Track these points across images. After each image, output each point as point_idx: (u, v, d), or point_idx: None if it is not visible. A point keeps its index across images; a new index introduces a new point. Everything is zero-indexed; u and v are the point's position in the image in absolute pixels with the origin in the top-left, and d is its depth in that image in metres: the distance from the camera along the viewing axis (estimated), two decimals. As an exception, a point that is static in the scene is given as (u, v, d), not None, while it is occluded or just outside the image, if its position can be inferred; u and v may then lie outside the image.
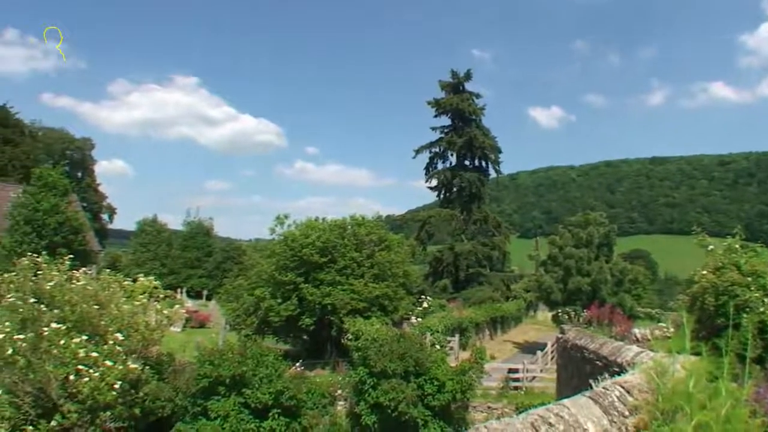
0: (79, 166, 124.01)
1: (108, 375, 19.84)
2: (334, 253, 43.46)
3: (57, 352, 20.11)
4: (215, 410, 21.92)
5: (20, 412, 20.49)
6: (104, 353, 20.47)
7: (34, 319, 21.27)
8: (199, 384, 22.64)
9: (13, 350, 20.21)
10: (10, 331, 20.55)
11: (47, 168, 66.71)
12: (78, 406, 19.79)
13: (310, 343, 45.04)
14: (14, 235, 59.04)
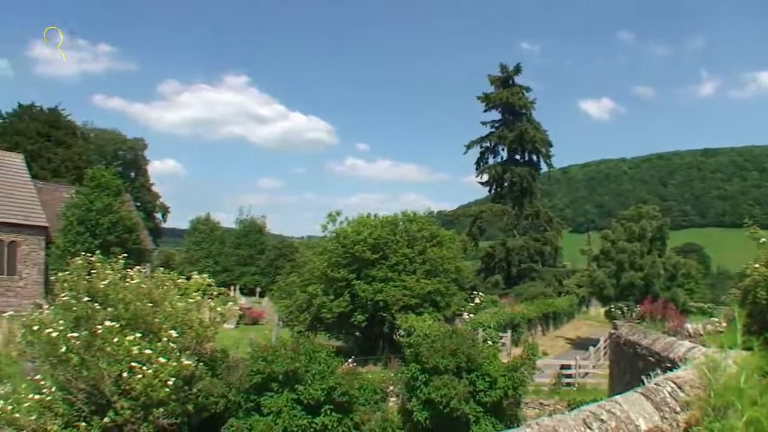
0: (132, 166, 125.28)
1: (161, 372, 19.99)
2: (386, 249, 43.42)
3: (111, 350, 20.28)
4: (268, 406, 22.00)
5: (73, 409, 20.76)
6: (158, 350, 20.62)
7: (88, 317, 21.50)
8: (252, 380, 22.73)
9: (66, 348, 20.45)
10: (64, 329, 20.81)
11: (100, 168, 67.50)
12: (131, 402, 19.97)
13: (362, 340, 45.07)
14: (68, 235, 59.81)
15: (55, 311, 22.76)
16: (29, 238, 63.19)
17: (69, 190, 68.69)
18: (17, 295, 60.93)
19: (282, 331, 42.75)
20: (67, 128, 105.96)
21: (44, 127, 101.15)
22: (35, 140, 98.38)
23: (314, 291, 43.33)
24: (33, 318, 22.60)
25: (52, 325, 21.22)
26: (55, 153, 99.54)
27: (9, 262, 61.93)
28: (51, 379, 21.53)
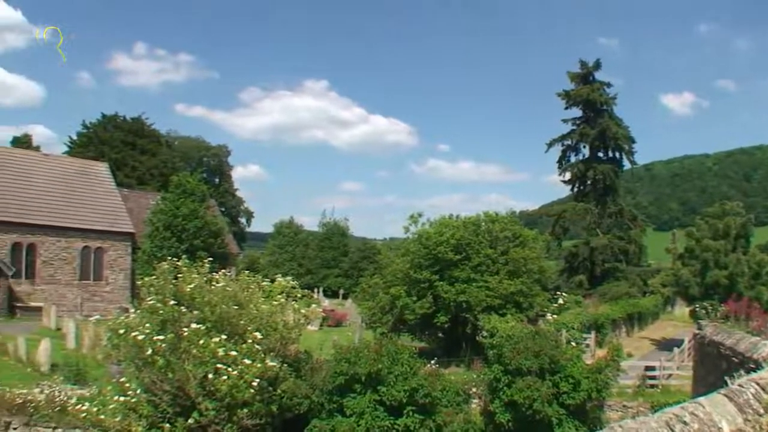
0: (216, 172, 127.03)
1: (246, 373, 20.15)
2: (469, 250, 43.27)
3: (196, 352, 20.51)
4: (351, 407, 22.07)
5: (157, 410, 21.07)
6: (243, 352, 20.81)
7: (174, 320, 21.78)
8: (335, 381, 22.83)
9: (152, 351, 20.74)
10: (150, 332, 21.12)
11: (185, 175, 68.35)
12: (216, 403, 20.19)
13: (445, 341, 44.90)
14: (154, 241, 60.84)
15: (142, 315, 23.08)
16: (116, 244, 64.40)
17: (155, 197, 69.81)
18: (104, 300, 62.10)
19: (365, 332, 42.85)
20: (151, 137, 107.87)
21: (128, 137, 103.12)
22: (120, 149, 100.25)
23: (397, 292, 43.29)
24: (119, 321, 22.99)
25: (138, 328, 21.55)
26: (140, 161, 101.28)
27: (96, 267, 63.22)
28: (136, 381, 21.90)
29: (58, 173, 67.36)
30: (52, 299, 58.65)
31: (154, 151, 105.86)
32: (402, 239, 52.69)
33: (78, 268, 63.03)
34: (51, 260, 61.34)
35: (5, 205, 59.76)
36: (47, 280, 60.87)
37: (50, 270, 61.22)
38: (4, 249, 58.04)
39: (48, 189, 64.36)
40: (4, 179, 62.05)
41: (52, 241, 61.41)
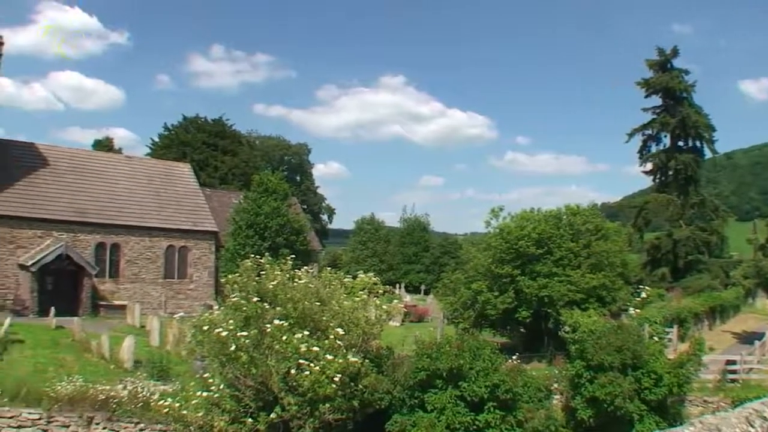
0: (297, 170, 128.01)
1: (328, 368, 20.32)
2: (550, 244, 42.91)
3: (279, 348, 20.73)
4: (432, 403, 22.11)
5: (240, 405, 21.33)
6: (325, 347, 20.99)
7: (257, 316, 22.02)
8: (416, 377, 22.89)
9: (236, 347, 21.01)
10: (233, 328, 21.36)
11: (266, 174, 68.94)
12: (298, 398, 20.40)
13: (526, 336, 44.65)
14: (237, 239, 61.46)
15: (225, 311, 23.37)
16: (199, 242, 65.16)
17: (237, 196, 70.66)
18: (188, 297, 62.84)
19: (447, 328, 42.71)
20: (232, 137, 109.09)
21: (210, 137, 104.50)
22: (202, 150, 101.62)
23: (479, 287, 43.07)
24: (203, 318, 23.32)
25: (222, 324, 21.82)
26: (222, 161, 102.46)
27: (180, 266, 64.06)
28: (219, 376, 22.20)
29: (141, 175, 68.42)
30: (137, 297, 59.63)
31: (235, 151, 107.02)
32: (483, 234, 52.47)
33: (162, 266, 64.03)
34: (135, 259, 62.33)
35: (89, 207, 60.83)
36: (131, 279, 61.84)
37: (134, 269, 62.22)
38: (88, 249, 59.10)
39: (132, 190, 65.42)
40: (87, 181, 63.19)
41: (136, 240, 62.42)
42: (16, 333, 39.87)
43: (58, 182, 61.28)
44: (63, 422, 25.09)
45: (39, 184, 59.96)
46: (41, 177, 60.68)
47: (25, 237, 56.53)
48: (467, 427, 21.52)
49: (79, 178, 63.01)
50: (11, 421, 25.07)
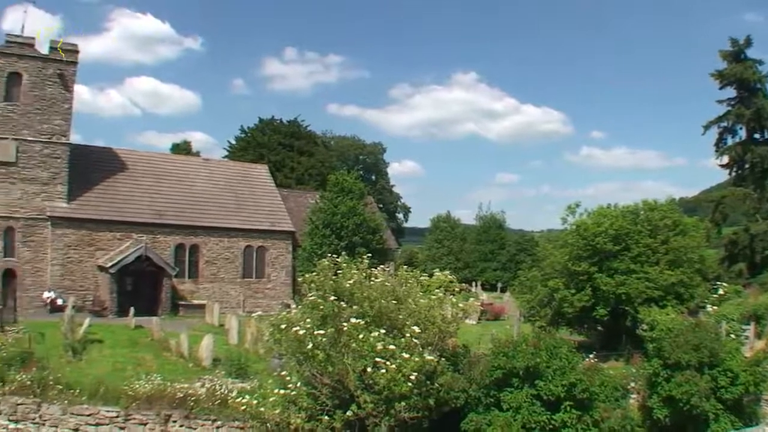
0: (372, 169, 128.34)
1: (405, 367, 20.33)
2: (628, 240, 42.40)
3: (356, 346, 20.88)
4: (508, 401, 21.99)
5: (317, 403, 21.50)
6: (401, 346, 21.03)
7: (334, 315, 22.16)
8: (492, 375, 22.79)
9: (313, 345, 21.16)
10: (310, 327, 21.50)
11: (342, 173, 69.43)
12: (374, 396, 20.50)
13: (604, 334, 44.07)
14: (314, 238, 62.02)
15: (303, 310, 23.57)
16: (277, 242, 65.88)
17: (314, 196, 71.31)
18: (266, 296, 63.57)
19: (523, 326, 42.47)
20: (307, 138, 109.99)
21: (286, 139, 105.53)
22: (278, 151, 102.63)
23: (555, 285, 42.71)
24: (281, 317, 23.51)
25: (299, 323, 22.01)
26: (299, 162, 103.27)
27: (258, 265, 64.88)
28: (296, 374, 22.40)
29: (219, 177, 69.47)
30: (216, 297, 60.59)
31: (311, 152, 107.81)
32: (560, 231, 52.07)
33: (241, 266, 65.01)
34: (214, 260, 63.25)
35: (168, 209, 61.81)
36: (210, 279, 62.71)
37: (213, 269, 63.14)
38: (168, 250, 60.20)
39: (210, 192, 66.54)
40: (166, 184, 64.35)
41: (215, 241, 63.36)
42: (95, 333, 40.73)
43: (136, 185, 62.50)
44: (140, 420, 25.53)
45: (118, 188, 61.23)
46: (120, 180, 61.98)
47: (104, 239, 57.76)
48: (543, 427, 21.38)
49: (158, 181, 64.26)
50: (89, 419, 25.59)
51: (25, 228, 55.79)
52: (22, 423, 25.93)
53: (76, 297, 52.94)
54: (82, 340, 38.35)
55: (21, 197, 55.63)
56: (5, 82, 55.50)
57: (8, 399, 26.10)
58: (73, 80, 58.24)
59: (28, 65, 56.41)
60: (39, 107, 56.30)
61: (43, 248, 56.28)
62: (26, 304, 54.49)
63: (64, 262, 56.64)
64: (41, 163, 56.27)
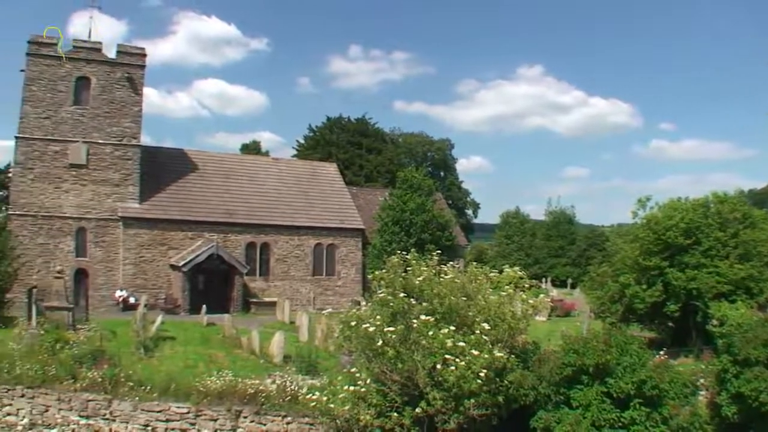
0: (440, 166, 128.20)
1: (474, 364, 20.29)
2: (698, 234, 41.93)
3: (426, 343, 20.89)
4: (577, 399, 21.82)
5: (386, 400, 21.56)
6: (471, 343, 20.98)
7: (404, 312, 22.21)
8: (562, 373, 22.65)
9: (383, 342, 21.28)
10: (380, 324, 21.61)
11: (411, 170, 69.66)
12: (443, 393, 20.46)
13: (674, 330, 43.56)
14: (384, 235, 62.32)
15: (373, 307, 23.68)
16: (347, 240, 66.31)
17: (383, 193, 71.73)
18: (336, 294, 64.03)
19: (594, 322, 42.26)
20: (375, 135, 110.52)
21: (354, 137, 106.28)
22: (346, 149, 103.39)
23: (626, 281, 42.42)
24: (351, 314, 23.63)
25: (369, 320, 22.15)
26: (367, 160, 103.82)
27: (328, 263, 65.46)
28: (366, 371, 22.47)
29: (289, 176, 70.18)
30: (286, 294, 61.20)
31: (379, 149, 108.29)
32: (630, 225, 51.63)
33: (311, 264, 65.70)
34: (285, 258, 63.92)
35: (238, 208, 62.56)
36: (281, 277, 63.37)
37: (284, 267, 63.78)
38: (239, 249, 61.04)
39: (280, 191, 67.32)
40: (236, 184, 65.21)
41: (285, 239, 64.04)
42: (167, 330, 41.36)
43: (207, 185, 63.42)
44: (211, 416, 25.79)
45: (189, 188, 62.23)
46: (191, 181, 62.98)
47: (176, 239, 58.75)
48: (612, 424, 21.18)
49: (228, 180, 65.19)
50: (159, 415, 25.94)
51: (97, 228, 57.10)
52: (93, 419, 26.34)
53: (149, 295, 54.20)
54: (154, 337, 38.91)
55: (93, 198, 57.00)
56: (74, 86, 56.76)
57: (79, 395, 26.53)
58: (141, 83, 59.32)
59: (97, 69, 57.77)
60: (108, 110, 57.37)
61: (114, 248, 57.52)
62: (98, 302, 55.72)
63: (137, 261, 57.76)
64: (112, 165, 57.41)
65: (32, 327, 36.12)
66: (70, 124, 56.48)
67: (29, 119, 55.90)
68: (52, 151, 56.17)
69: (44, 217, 55.99)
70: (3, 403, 27.17)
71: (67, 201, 56.50)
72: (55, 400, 26.75)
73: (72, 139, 56.32)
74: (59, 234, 56.38)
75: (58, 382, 27.13)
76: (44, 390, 26.98)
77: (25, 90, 56.16)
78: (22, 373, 27.39)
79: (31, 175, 55.81)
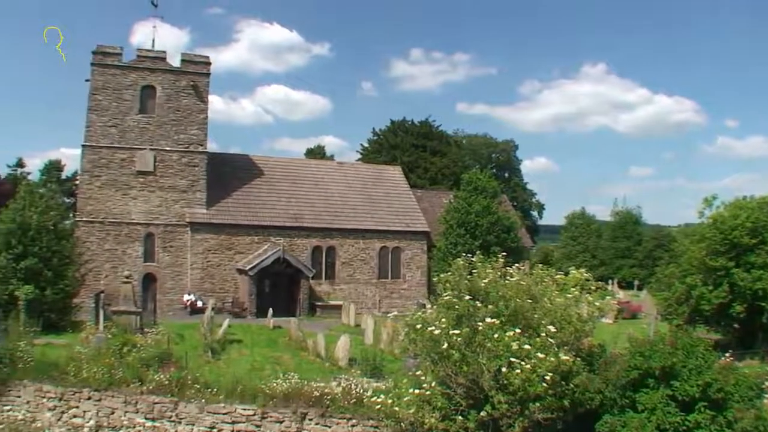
0: (505, 167, 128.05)
1: (539, 367, 20.23)
2: (765, 233, 41.45)
3: (491, 346, 20.76)
4: (643, 402, 21.64)
5: (451, 403, 21.48)
6: (536, 345, 20.91)
7: (469, 315, 22.10)
8: (628, 376, 22.54)
9: (448, 344, 21.26)
10: (446, 327, 21.54)
11: (475, 172, 69.54)
12: (508, 397, 20.39)
13: (740, 332, 43.19)
14: (449, 238, 62.44)
15: (438, 310, 23.53)
16: (412, 243, 66.51)
17: (447, 196, 71.75)
18: (401, 297, 64.22)
19: (660, 324, 41.87)
20: (439, 138, 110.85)
21: (418, 139, 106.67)
22: (410, 152, 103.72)
23: (693, 282, 42.05)
24: (416, 317, 23.61)
25: (434, 323, 22.11)
26: (432, 162, 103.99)
27: (393, 266, 65.58)
28: (431, 374, 22.44)
29: (353, 179, 70.56)
30: (352, 297, 61.60)
31: (443, 152, 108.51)
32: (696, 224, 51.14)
33: (376, 267, 65.98)
34: (350, 261, 64.37)
35: (304, 212, 63.04)
36: (346, 280, 63.75)
37: (349, 270, 64.19)
38: (305, 252, 61.50)
39: (345, 195, 67.74)
40: (302, 188, 65.73)
41: (350, 243, 64.47)
42: (234, 334, 41.90)
43: (273, 190, 64.03)
44: (277, 418, 25.97)
45: (255, 193, 62.94)
46: (257, 186, 63.69)
47: (243, 243, 59.46)
48: (677, 428, 20.93)
49: (294, 185, 65.74)
50: (225, 417, 26.18)
51: (164, 234, 58.06)
52: (159, 421, 26.64)
53: (216, 299, 54.59)
54: (222, 340, 39.38)
55: (160, 205, 58.01)
56: (140, 95, 57.82)
57: (146, 398, 26.84)
58: (206, 91, 60.17)
59: (162, 78, 58.96)
60: (175, 118, 58.28)
61: (182, 253, 58.34)
62: (165, 306, 56.65)
63: (204, 265, 58.49)
64: (179, 171, 58.32)
65: (100, 331, 36.79)
66: (136, 132, 57.52)
67: (95, 128, 57.11)
68: (119, 158, 57.29)
69: (112, 223, 57.08)
70: (70, 405, 27.68)
71: (135, 207, 57.59)
72: (122, 403, 27.13)
73: (139, 146, 57.28)
74: (127, 240, 57.44)
75: (125, 384, 27.49)
76: (111, 393, 27.41)
77: (90, 99, 57.43)
78: (89, 376, 27.80)
79: (98, 183, 56.94)
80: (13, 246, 42.31)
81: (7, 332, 32.96)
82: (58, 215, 47.22)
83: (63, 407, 27.73)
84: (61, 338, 38.88)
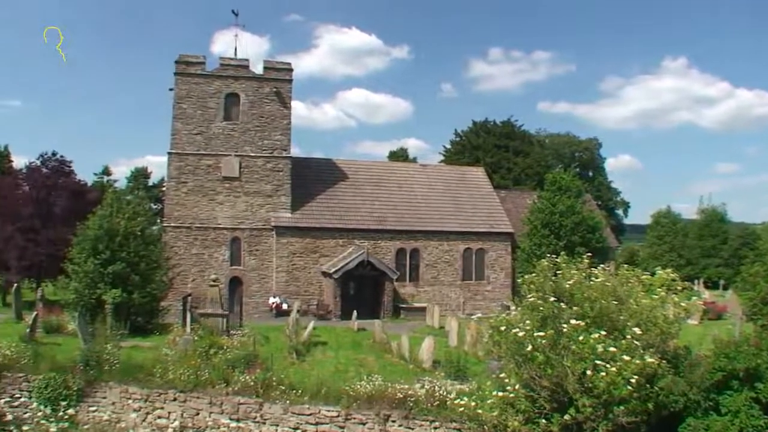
0: (588, 166, 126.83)
1: (625, 369, 20.03)
2: None
3: (575, 348, 20.65)
4: (726, 405, 21.40)
5: (534, 406, 21.43)
6: (622, 348, 20.68)
7: (554, 316, 22.02)
8: (712, 378, 22.32)
9: (532, 347, 21.21)
10: (530, 329, 21.51)
11: (559, 172, 69.57)
12: (593, 400, 20.27)
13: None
14: (533, 239, 62.36)
15: (522, 312, 23.46)
16: (495, 244, 66.30)
17: (531, 196, 71.57)
18: (485, 298, 64.17)
19: (746, 325, 41.36)
20: (521, 138, 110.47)
21: (500, 140, 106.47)
22: (493, 153, 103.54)
23: (775, 281, 41.60)
24: (500, 319, 23.56)
25: (518, 325, 22.07)
26: (515, 162, 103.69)
27: (477, 267, 65.49)
28: (515, 377, 22.38)
29: (437, 181, 70.71)
30: (436, 299, 61.70)
31: (526, 152, 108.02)
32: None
33: (460, 269, 65.88)
34: (434, 263, 64.47)
35: (388, 215, 63.36)
36: (430, 282, 63.92)
37: (433, 272, 64.31)
38: (389, 255, 61.82)
39: (429, 197, 68.02)
40: (385, 191, 66.04)
41: (434, 245, 64.62)
42: (319, 336, 42.27)
43: (357, 193, 64.54)
44: (360, 419, 26.17)
45: (339, 196, 63.49)
46: (341, 189, 64.30)
47: (327, 246, 60.07)
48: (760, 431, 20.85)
49: (377, 188, 66.11)
50: (309, 418, 26.47)
51: (250, 238, 59.07)
52: (243, 422, 27.02)
53: (301, 301, 55.12)
54: (307, 342, 39.70)
55: (246, 209, 59.03)
56: (224, 102, 59.12)
57: (231, 399, 27.27)
58: (289, 97, 61.08)
59: (245, 86, 60.12)
60: (259, 124, 59.25)
61: (268, 256, 59.30)
62: (251, 309, 57.74)
63: (289, 268, 59.26)
64: (264, 176, 59.28)
65: (186, 333, 37.43)
66: (221, 139, 58.75)
67: (180, 135, 58.53)
68: (205, 165, 58.50)
69: (199, 228, 58.35)
70: (155, 406, 28.28)
71: (221, 212, 58.75)
72: (207, 404, 27.65)
73: (224, 153, 58.33)
74: (214, 244, 58.54)
75: (210, 386, 27.99)
76: (196, 394, 27.94)
77: (175, 108, 58.91)
78: (175, 378, 28.40)
79: (184, 189, 58.23)
80: (101, 251, 43.05)
81: (94, 335, 33.74)
82: (145, 221, 48.03)
83: (148, 408, 28.39)
84: (148, 341, 39.60)
